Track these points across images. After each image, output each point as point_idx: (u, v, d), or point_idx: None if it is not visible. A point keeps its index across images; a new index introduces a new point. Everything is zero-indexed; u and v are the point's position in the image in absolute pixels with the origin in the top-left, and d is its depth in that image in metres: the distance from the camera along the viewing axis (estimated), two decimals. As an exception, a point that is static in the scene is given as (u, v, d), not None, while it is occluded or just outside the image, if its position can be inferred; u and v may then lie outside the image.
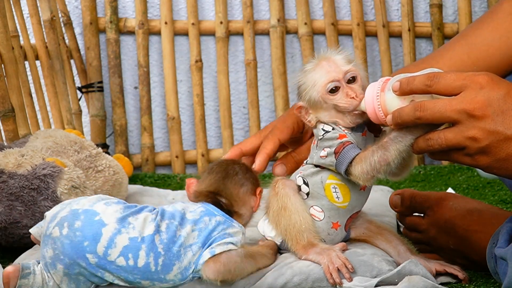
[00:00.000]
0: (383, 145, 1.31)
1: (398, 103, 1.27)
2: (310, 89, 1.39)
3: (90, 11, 2.80)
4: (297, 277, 1.38)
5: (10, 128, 2.10)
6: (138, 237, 1.31)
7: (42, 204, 1.68)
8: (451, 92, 1.20)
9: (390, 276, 1.36)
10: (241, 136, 2.92)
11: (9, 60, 2.20)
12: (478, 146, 1.18)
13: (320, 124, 1.41)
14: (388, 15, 2.89)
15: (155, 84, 2.88)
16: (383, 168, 1.31)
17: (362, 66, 1.41)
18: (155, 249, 1.31)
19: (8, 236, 1.69)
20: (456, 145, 1.20)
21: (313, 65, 1.40)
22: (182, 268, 1.33)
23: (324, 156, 1.38)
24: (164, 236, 1.33)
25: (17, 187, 1.68)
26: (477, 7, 2.92)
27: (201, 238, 1.35)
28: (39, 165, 1.71)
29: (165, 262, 1.32)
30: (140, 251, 1.31)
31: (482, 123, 1.17)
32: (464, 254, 1.50)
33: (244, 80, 2.88)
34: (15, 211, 1.67)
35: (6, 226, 1.67)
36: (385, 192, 2.10)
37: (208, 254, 1.34)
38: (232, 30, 2.85)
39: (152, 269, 1.31)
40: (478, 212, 1.52)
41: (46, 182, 1.69)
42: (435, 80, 1.21)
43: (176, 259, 1.33)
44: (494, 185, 2.30)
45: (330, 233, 1.43)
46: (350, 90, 1.37)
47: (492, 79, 1.19)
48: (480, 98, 1.17)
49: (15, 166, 1.73)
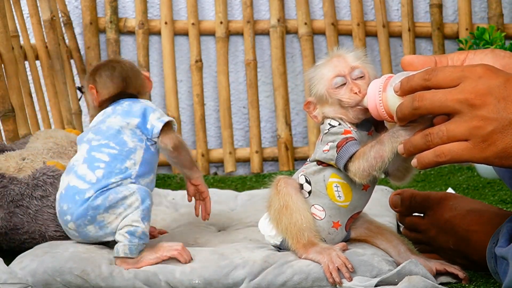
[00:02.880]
0: (380, 140, 1.32)
1: (399, 100, 1.27)
2: (318, 83, 1.40)
3: (90, 11, 2.80)
4: (297, 276, 1.38)
5: (10, 128, 2.11)
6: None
7: (45, 211, 1.68)
8: (450, 84, 1.18)
9: (390, 276, 1.36)
10: (241, 136, 2.92)
11: (9, 60, 2.20)
12: (482, 134, 1.14)
13: (327, 119, 1.42)
14: (388, 15, 2.89)
15: (155, 84, 2.88)
16: (378, 165, 1.32)
17: (372, 65, 1.42)
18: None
19: (9, 241, 1.68)
20: (459, 137, 1.16)
21: (324, 61, 1.42)
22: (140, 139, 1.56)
23: (326, 150, 1.39)
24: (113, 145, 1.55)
25: (17, 194, 1.67)
26: (477, 7, 2.93)
27: (141, 115, 1.58)
28: (40, 170, 1.71)
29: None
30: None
31: (485, 111, 1.14)
32: (464, 254, 1.50)
33: (244, 80, 2.88)
34: (16, 218, 1.66)
35: (6, 231, 1.66)
36: (385, 192, 2.10)
37: (160, 123, 1.56)
38: (232, 30, 2.86)
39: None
40: (478, 212, 1.52)
41: (46, 190, 1.69)
42: (433, 73, 1.20)
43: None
44: (494, 185, 2.30)
45: (330, 233, 1.43)
46: (354, 86, 1.38)
47: (490, 69, 1.17)
48: (480, 87, 1.15)
49: (16, 170, 1.73)
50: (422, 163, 1.22)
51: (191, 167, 1.67)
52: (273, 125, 2.92)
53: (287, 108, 2.83)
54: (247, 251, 1.49)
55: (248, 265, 1.42)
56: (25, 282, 1.43)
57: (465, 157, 1.16)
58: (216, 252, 1.50)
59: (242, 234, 1.73)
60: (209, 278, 1.41)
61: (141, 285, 1.43)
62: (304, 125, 2.92)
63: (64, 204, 1.52)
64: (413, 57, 1.28)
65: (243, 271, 1.41)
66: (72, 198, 1.51)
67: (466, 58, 1.29)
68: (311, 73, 1.43)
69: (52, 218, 1.68)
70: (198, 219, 1.86)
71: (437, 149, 1.18)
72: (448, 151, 1.17)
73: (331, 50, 1.45)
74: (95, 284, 1.43)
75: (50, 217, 1.68)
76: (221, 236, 1.74)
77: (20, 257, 1.51)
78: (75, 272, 1.44)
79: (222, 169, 2.86)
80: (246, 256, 1.45)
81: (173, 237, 1.75)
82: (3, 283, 1.41)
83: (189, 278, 1.41)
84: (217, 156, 2.84)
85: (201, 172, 1.83)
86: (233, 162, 2.82)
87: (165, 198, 2.16)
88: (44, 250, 1.51)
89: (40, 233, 1.67)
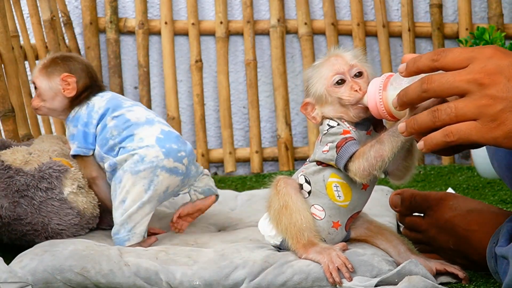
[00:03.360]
0: (380, 139, 1.31)
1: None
2: (316, 82, 1.40)
3: (90, 11, 2.80)
4: (297, 276, 1.38)
5: (10, 128, 2.11)
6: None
7: (49, 203, 1.69)
8: (459, 65, 1.15)
9: (390, 276, 1.36)
10: (241, 136, 2.92)
11: (9, 60, 2.20)
12: (491, 113, 1.11)
13: (325, 120, 1.41)
14: (388, 15, 2.89)
15: (155, 84, 2.89)
16: (378, 164, 1.31)
17: (370, 64, 1.41)
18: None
19: (11, 232, 1.69)
20: (468, 116, 1.13)
21: (322, 61, 1.42)
22: None
23: (326, 151, 1.39)
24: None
25: (23, 184, 1.68)
26: (477, 7, 2.93)
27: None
28: (46, 164, 1.73)
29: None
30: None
31: (494, 90, 1.11)
32: (464, 254, 1.50)
33: (244, 80, 2.88)
34: (20, 208, 1.68)
35: (9, 221, 1.68)
36: (385, 192, 2.10)
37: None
38: (232, 30, 2.86)
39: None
40: (478, 212, 1.52)
41: (52, 183, 1.70)
42: (442, 54, 1.16)
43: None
44: (494, 185, 2.30)
45: (330, 233, 1.43)
46: (354, 84, 1.37)
47: (499, 49, 1.15)
48: (490, 66, 1.12)
49: (23, 163, 1.74)
50: (430, 144, 1.16)
51: None
52: (273, 125, 2.92)
53: (287, 108, 2.83)
54: (247, 251, 1.49)
55: (248, 265, 1.41)
56: (25, 281, 1.43)
57: (474, 137, 1.12)
58: (216, 253, 1.50)
59: (242, 234, 1.73)
60: (210, 279, 1.41)
61: (141, 283, 1.43)
62: (304, 125, 2.92)
63: (172, 144, 1.69)
64: (414, 55, 1.27)
65: (243, 271, 1.41)
66: (177, 139, 1.71)
67: None
68: (308, 73, 1.43)
69: (55, 211, 1.70)
70: (198, 219, 1.86)
71: (445, 129, 1.13)
72: (456, 131, 1.13)
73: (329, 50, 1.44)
74: (95, 281, 1.43)
75: (53, 209, 1.69)
76: (221, 236, 1.74)
77: (20, 256, 1.51)
78: (75, 269, 1.44)
79: (222, 169, 2.86)
80: (246, 256, 1.45)
81: (173, 237, 1.75)
82: (3, 282, 1.41)
83: (189, 279, 1.41)
84: (217, 156, 2.84)
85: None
86: (233, 162, 2.82)
87: (165, 198, 2.16)
88: (43, 248, 1.51)
89: (42, 225, 1.69)
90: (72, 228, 1.72)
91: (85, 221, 1.75)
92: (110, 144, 1.72)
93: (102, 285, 1.44)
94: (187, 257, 1.49)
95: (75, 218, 1.72)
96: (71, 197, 1.71)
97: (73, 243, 1.53)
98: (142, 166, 1.66)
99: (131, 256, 1.48)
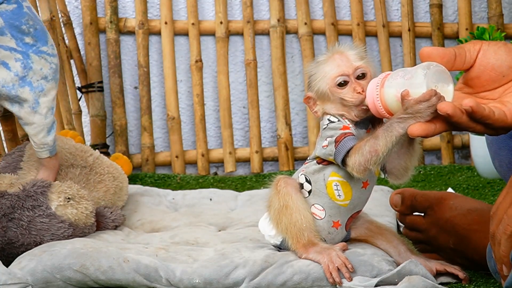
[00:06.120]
0: (375, 134, 1.32)
1: (396, 96, 1.28)
2: (320, 80, 1.40)
3: (90, 11, 2.80)
4: (297, 276, 1.38)
5: (10, 128, 2.10)
6: None
7: (38, 221, 1.66)
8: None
9: (390, 276, 1.36)
10: (241, 136, 2.92)
11: (9, 60, 2.19)
12: None
13: (326, 115, 1.42)
14: (388, 15, 2.89)
15: (155, 84, 2.89)
16: (373, 159, 1.31)
17: (373, 64, 1.41)
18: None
19: (8, 256, 1.65)
20: None
21: (326, 57, 1.41)
22: None
23: (325, 146, 1.39)
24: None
25: (8, 207, 1.65)
26: (477, 7, 2.93)
27: None
28: (30, 182, 1.70)
29: None
30: None
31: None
32: (464, 254, 1.50)
33: (244, 80, 2.88)
34: (10, 232, 1.64)
35: (3, 247, 1.64)
36: (385, 192, 2.11)
37: None
38: (232, 30, 2.86)
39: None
40: (478, 211, 1.52)
41: (38, 200, 1.67)
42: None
43: None
44: (494, 185, 2.30)
45: (330, 232, 1.43)
46: (357, 86, 1.37)
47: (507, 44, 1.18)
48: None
49: (8, 186, 1.72)
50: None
51: None
52: (273, 125, 2.92)
53: (287, 108, 2.83)
54: (248, 251, 1.49)
55: (248, 264, 1.42)
56: (25, 281, 1.43)
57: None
58: (216, 252, 1.50)
59: (242, 234, 1.73)
60: (209, 278, 1.41)
61: (141, 279, 1.43)
62: (304, 125, 2.92)
63: None
64: (432, 49, 1.27)
65: (243, 271, 1.41)
66: None
67: (480, 48, 1.28)
68: (312, 69, 1.42)
69: (46, 228, 1.66)
70: (198, 219, 1.86)
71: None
72: None
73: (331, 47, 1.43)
74: (95, 278, 1.43)
75: (43, 226, 1.66)
76: (221, 236, 1.74)
77: (19, 258, 1.51)
78: (74, 267, 1.44)
79: (222, 169, 2.86)
80: (246, 256, 1.45)
81: (173, 236, 1.75)
82: (3, 284, 1.41)
83: (189, 277, 1.41)
84: (217, 156, 2.84)
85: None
86: (233, 162, 2.82)
87: (165, 198, 2.17)
88: (42, 249, 1.51)
89: (35, 244, 1.64)
90: (68, 240, 1.69)
91: (79, 231, 1.71)
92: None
93: (102, 282, 1.44)
94: (187, 256, 1.49)
95: (68, 230, 1.68)
96: (60, 210, 1.68)
97: (71, 242, 1.53)
98: None
99: (130, 253, 1.48)
